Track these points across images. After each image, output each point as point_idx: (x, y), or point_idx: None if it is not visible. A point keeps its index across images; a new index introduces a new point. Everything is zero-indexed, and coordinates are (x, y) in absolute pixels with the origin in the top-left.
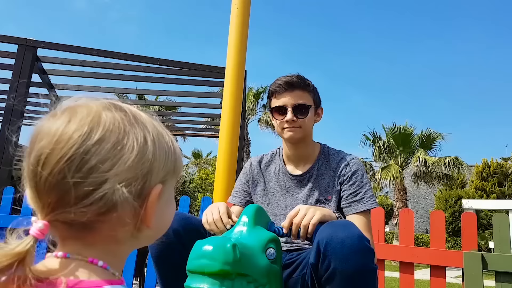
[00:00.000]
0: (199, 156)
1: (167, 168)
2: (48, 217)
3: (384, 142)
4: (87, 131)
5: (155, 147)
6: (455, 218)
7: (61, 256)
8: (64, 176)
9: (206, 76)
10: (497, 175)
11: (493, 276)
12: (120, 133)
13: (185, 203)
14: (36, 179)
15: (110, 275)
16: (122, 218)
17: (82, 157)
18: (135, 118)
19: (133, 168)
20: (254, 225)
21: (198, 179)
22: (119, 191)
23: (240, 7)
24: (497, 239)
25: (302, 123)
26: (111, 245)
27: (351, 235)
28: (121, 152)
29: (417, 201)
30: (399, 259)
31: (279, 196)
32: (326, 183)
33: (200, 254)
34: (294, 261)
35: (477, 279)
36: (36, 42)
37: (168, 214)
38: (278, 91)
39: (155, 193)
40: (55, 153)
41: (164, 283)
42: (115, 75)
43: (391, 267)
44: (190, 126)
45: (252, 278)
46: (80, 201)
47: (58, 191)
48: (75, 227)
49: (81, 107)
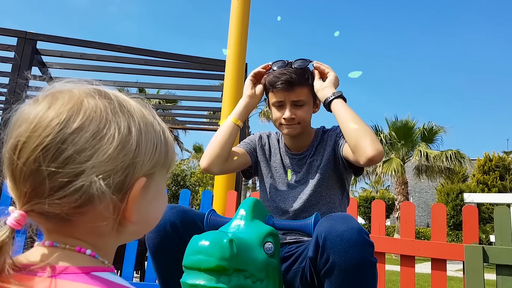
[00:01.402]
0: (200, 150)
1: (155, 160)
2: (25, 207)
3: (385, 136)
4: (66, 119)
5: (141, 137)
6: (457, 212)
7: (48, 245)
8: (39, 166)
9: (207, 69)
10: (498, 168)
11: (494, 270)
12: (101, 122)
13: (185, 196)
14: (12, 167)
15: (100, 263)
16: (100, 212)
17: (58, 146)
18: (121, 106)
19: (112, 160)
20: (252, 218)
21: (199, 173)
22: (96, 184)
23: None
24: (498, 232)
25: (300, 119)
26: (95, 238)
27: (350, 228)
28: (100, 142)
29: (418, 195)
30: (400, 252)
31: (280, 172)
32: (321, 154)
33: (196, 250)
34: (293, 253)
35: (478, 272)
36: (35, 35)
37: (157, 207)
38: (275, 87)
39: (138, 186)
40: (31, 141)
41: (161, 276)
42: (115, 68)
43: (391, 260)
44: (191, 119)
45: (250, 273)
46: (54, 192)
47: (33, 180)
48: (53, 219)
49: (63, 93)
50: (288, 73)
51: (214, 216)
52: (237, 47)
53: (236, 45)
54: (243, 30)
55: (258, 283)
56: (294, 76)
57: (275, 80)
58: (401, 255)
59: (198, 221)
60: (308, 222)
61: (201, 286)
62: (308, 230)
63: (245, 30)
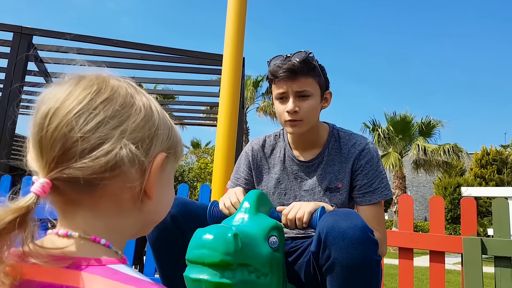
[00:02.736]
0: (198, 145)
1: (171, 141)
2: (50, 174)
3: (383, 130)
4: (96, 90)
5: (160, 117)
6: (454, 205)
7: (62, 234)
8: (72, 128)
9: (204, 64)
10: (496, 162)
11: (492, 263)
12: (127, 96)
13: (183, 191)
14: (42, 133)
15: (113, 254)
16: (127, 179)
17: (90, 111)
18: (140, 90)
19: (140, 128)
20: (256, 212)
21: (197, 169)
22: (126, 147)
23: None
24: (496, 224)
25: (304, 115)
26: (115, 218)
27: (353, 226)
28: (129, 111)
29: (416, 189)
30: (398, 244)
31: (286, 183)
32: (337, 169)
33: (200, 244)
34: (299, 247)
35: (477, 264)
36: (31, 30)
37: (168, 196)
38: (278, 77)
39: (160, 159)
40: (64, 107)
41: (163, 269)
42: (112, 63)
43: (390, 254)
44: (189, 115)
45: (254, 267)
46: (86, 154)
47: (64, 144)
48: (79, 187)
49: (87, 74)
50: (291, 61)
51: (217, 208)
52: (234, 42)
53: (233, 39)
54: (240, 24)
55: (262, 277)
56: (298, 64)
57: (277, 69)
58: (399, 248)
59: (200, 213)
60: (313, 215)
61: (205, 281)
62: (313, 223)
63: (242, 24)
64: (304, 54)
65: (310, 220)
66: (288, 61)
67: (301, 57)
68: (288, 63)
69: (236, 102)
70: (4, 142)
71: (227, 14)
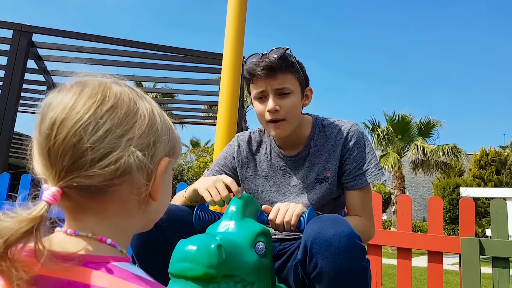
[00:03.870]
0: (197, 144)
1: (171, 143)
2: (62, 182)
3: (383, 130)
4: (101, 98)
5: (161, 121)
6: (453, 206)
7: (70, 233)
8: (80, 138)
9: (204, 63)
10: (495, 163)
11: (490, 264)
12: (131, 103)
13: (182, 189)
14: (50, 144)
15: (118, 253)
16: (135, 184)
17: (98, 121)
18: (141, 94)
19: (145, 135)
20: (242, 217)
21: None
22: (134, 154)
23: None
24: (494, 225)
25: (286, 114)
26: (121, 220)
27: (339, 234)
28: (134, 118)
29: (415, 189)
30: (396, 244)
31: (274, 180)
32: (324, 159)
33: (182, 257)
34: (287, 250)
35: (475, 264)
36: (31, 28)
37: (167, 196)
38: (256, 75)
39: (164, 163)
40: (71, 117)
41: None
42: (112, 61)
43: (388, 254)
44: (189, 114)
45: (240, 277)
46: (96, 163)
47: (73, 154)
48: (88, 194)
49: (91, 80)
50: (268, 58)
51: (204, 211)
52: (234, 41)
53: (233, 39)
54: (240, 23)
55: (249, 286)
56: (275, 61)
57: (254, 67)
58: (397, 248)
59: (186, 218)
60: (301, 218)
61: None
62: (301, 226)
63: (242, 23)
64: (282, 51)
65: (297, 223)
66: (265, 58)
67: (278, 53)
68: (266, 60)
69: (235, 101)
70: (3, 139)
71: (227, 14)
